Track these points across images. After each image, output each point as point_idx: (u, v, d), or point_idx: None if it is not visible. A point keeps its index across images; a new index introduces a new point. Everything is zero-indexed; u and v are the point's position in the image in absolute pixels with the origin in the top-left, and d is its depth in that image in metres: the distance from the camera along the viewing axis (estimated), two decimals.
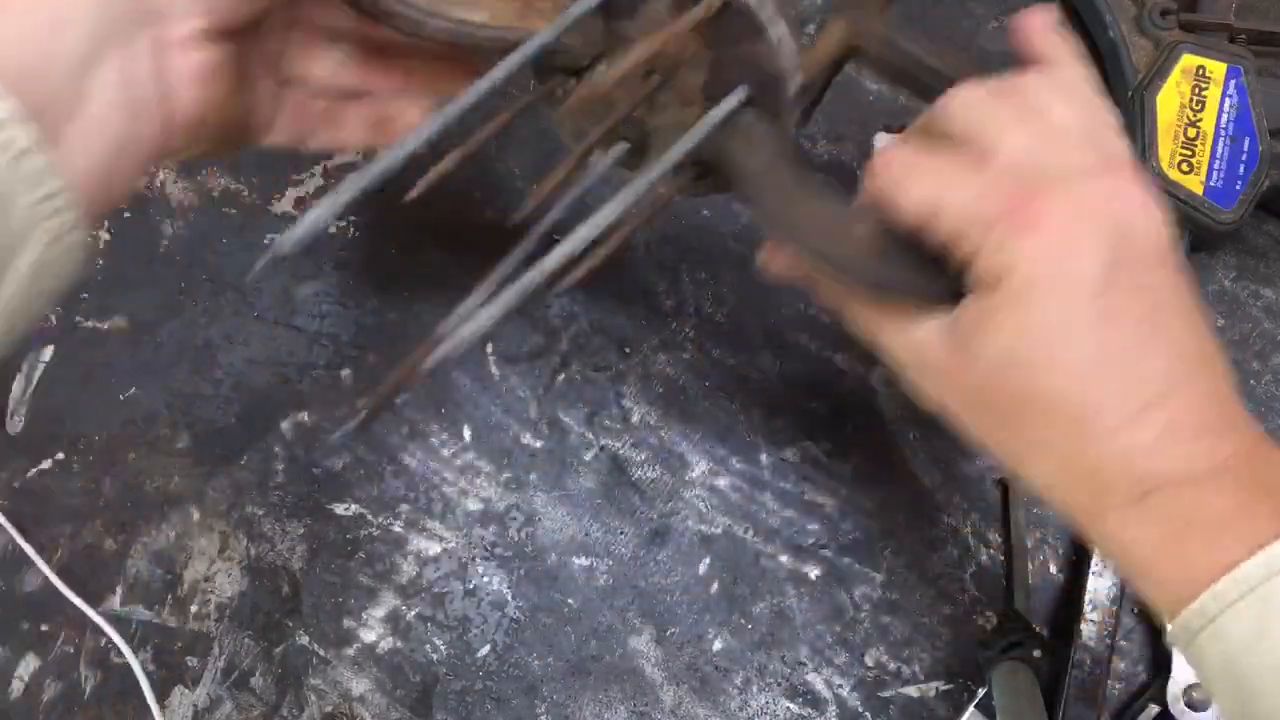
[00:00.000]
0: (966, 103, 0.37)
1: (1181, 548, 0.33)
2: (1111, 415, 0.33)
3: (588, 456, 0.55)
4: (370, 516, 0.54)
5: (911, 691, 0.52)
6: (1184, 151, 0.53)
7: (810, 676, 0.52)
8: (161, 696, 0.52)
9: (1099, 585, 0.51)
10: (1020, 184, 0.34)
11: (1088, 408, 0.34)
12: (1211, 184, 0.53)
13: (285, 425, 0.55)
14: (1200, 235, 0.54)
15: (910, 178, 0.36)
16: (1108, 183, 0.35)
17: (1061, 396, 0.34)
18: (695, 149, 0.41)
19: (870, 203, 0.38)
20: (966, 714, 0.50)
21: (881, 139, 0.57)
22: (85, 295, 0.57)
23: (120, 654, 0.53)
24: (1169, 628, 0.34)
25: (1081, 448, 0.34)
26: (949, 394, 0.37)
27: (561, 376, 0.55)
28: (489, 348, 0.56)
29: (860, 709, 0.51)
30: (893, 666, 0.52)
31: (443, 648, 0.52)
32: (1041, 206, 0.34)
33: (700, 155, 0.42)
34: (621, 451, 0.54)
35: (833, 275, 0.39)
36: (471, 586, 0.53)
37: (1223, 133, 0.53)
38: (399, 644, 0.53)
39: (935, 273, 0.36)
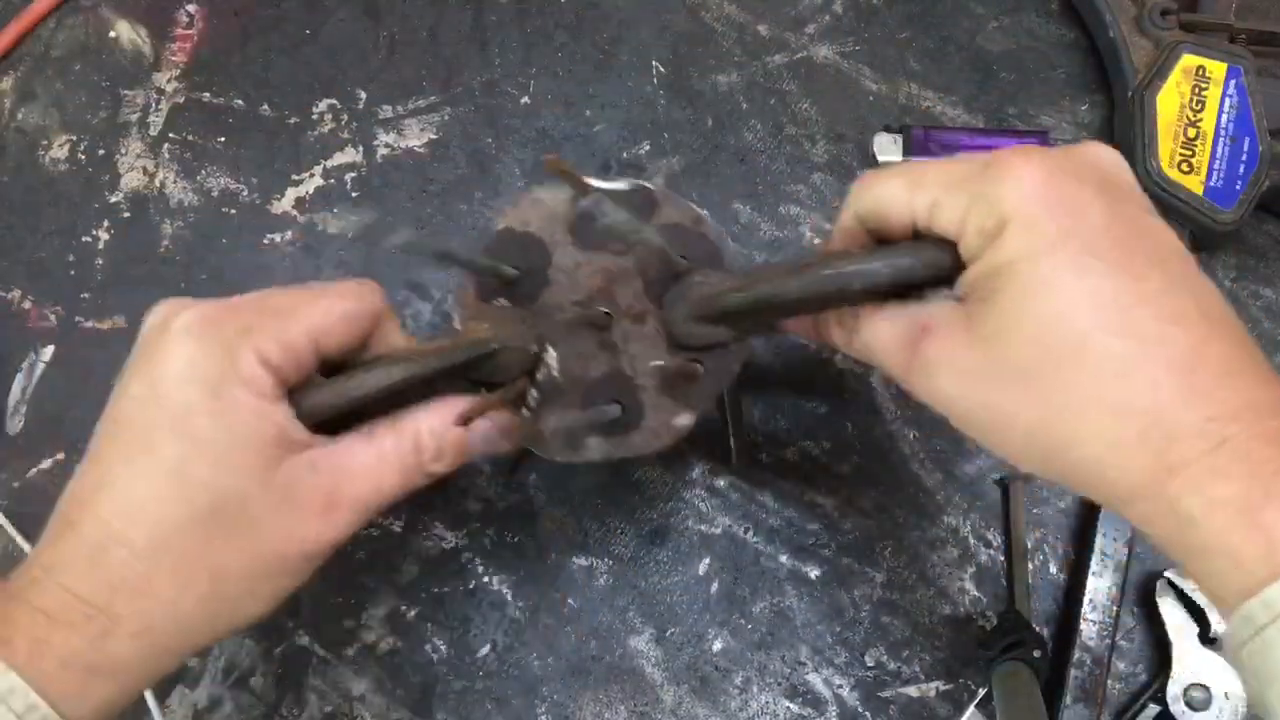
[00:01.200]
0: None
1: (1265, 512, 0.28)
2: (1164, 352, 0.30)
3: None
4: None
5: (911, 691, 0.52)
6: (1184, 151, 0.53)
7: (810, 676, 0.52)
8: (161, 696, 0.52)
9: (1099, 585, 0.51)
10: (997, 152, 0.34)
11: (1138, 345, 0.30)
12: (1211, 184, 0.53)
13: None
14: (1200, 235, 0.54)
15: (887, 173, 0.36)
16: (1081, 146, 0.34)
17: (1105, 339, 0.30)
18: (684, 334, 0.42)
19: (851, 223, 0.38)
20: (966, 714, 0.50)
21: (881, 139, 0.57)
22: (85, 295, 0.57)
23: None
24: (1228, 624, 0.29)
25: (1137, 392, 0.30)
26: (964, 376, 0.33)
27: None
28: None
29: (860, 709, 0.51)
30: (893, 666, 0.52)
31: (443, 648, 0.52)
32: (1022, 154, 0.32)
33: (690, 339, 0.42)
34: None
35: (851, 297, 0.37)
36: (471, 586, 0.53)
37: (1223, 133, 0.53)
38: (399, 644, 0.52)
39: (932, 248, 0.35)
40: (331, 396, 0.38)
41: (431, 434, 0.39)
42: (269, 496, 0.36)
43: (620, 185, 0.43)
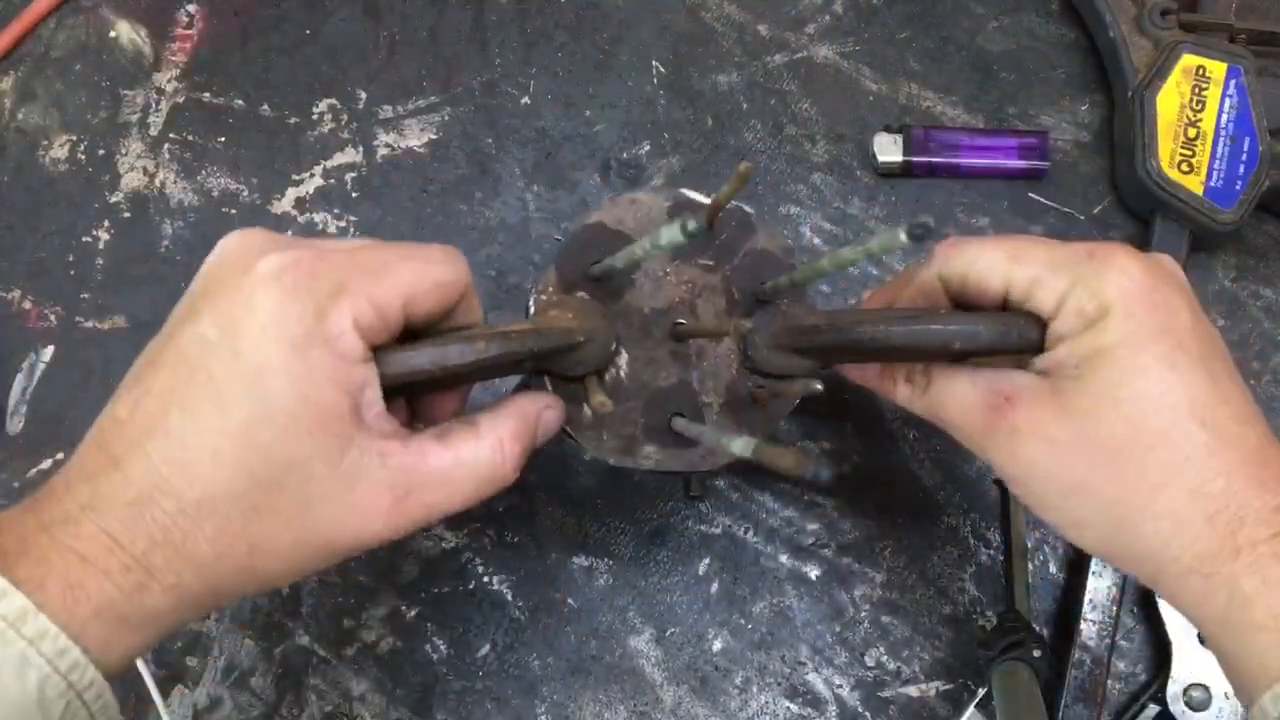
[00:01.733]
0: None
1: None
2: (1240, 447, 0.34)
3: (588, 456, 0.54)
4: None
5: (911, 691, 0.52)
6: (1184, 151, 0.53)
7: (810, 676, 0.52)
8: (161, 696, 0.52)
9: (1099, 585, 0.51)
10: (1098, 244, 0.37)
11: (1219, 438, 0.34)
12: (1211, 184, 0.53)
13: None
14: (1200, 235, 0.54)
15: (983, 242, 0.38)
16: (1159, 255, 0.37)
17: (1192, 427, 0.34)
18: (762, 359, 0.42)
19: (931, 281, 0.39)
20: (966, 714, 0.50)
21: (881, 139, 0.57)
22: (85, 295, 0.57)
23: None
24: (1259, 699, 0.32)
25: (1213, 477, 0.33)
26: (1051, 446, 0.36)
27: None
28: None
29: (860, 709, 0.51)
30: (893, 666, 0.52)
31: (443, 648, 0.52)
32: (1125, 250, 0.36)
33: (766, 365, 0.42)
34: None
35: (946, 354, 0.38)
36: (471, 586, 0.53)
37: (1223, 133, 0.53)
38: (399, 644, 0.53)
39: (1026, 321, 0.36)
40: (426, 361, 0.35)
41: (515, 438, 0.37)
42: (331, 480, 0.33)
43: None
